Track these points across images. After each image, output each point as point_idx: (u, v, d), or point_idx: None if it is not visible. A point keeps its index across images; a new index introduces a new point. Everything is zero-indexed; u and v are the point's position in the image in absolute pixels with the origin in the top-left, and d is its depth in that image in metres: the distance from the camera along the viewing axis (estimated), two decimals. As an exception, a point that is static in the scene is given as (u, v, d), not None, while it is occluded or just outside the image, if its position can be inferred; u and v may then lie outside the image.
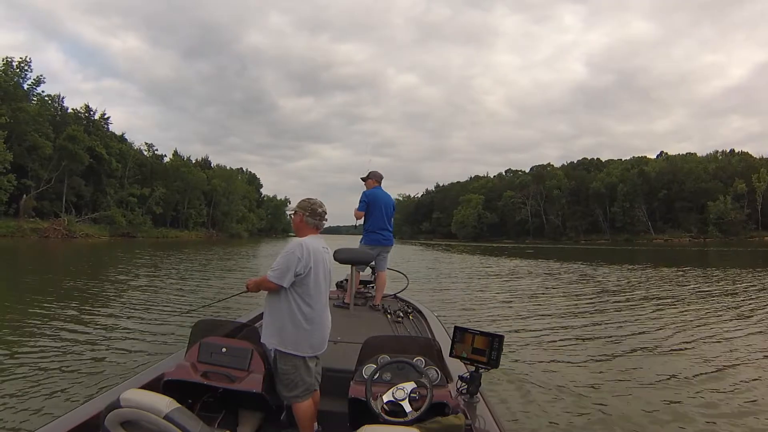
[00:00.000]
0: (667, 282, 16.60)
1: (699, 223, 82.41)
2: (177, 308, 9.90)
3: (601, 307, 11.22)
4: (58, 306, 9.83)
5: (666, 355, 6.97)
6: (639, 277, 18.68)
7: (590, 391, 5.34)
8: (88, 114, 65.56)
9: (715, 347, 7.33)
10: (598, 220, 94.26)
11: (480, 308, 11.03)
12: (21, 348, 6.45)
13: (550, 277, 18.91)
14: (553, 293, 13.92)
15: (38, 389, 4.86)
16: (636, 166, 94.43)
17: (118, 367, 5.69)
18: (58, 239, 48.10)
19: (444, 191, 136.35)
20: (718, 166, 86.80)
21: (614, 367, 6.28)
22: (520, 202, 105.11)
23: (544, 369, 6.11)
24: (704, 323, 9.12)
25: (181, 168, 79.74)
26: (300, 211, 3.11)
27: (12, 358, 5.93)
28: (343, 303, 5.60)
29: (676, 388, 5.46)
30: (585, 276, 19.50)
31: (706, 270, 21.31)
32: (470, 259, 31.41)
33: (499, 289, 14.69)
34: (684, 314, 10.09)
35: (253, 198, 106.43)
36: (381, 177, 6.20)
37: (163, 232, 70.89)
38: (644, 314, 10.14)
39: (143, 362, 5.66)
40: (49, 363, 5.77)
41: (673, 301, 11.98)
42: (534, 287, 15.40)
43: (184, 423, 1.98)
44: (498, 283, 16.48)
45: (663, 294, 13.42)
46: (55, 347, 6.52)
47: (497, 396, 4.82)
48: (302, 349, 2.89)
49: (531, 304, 11.66)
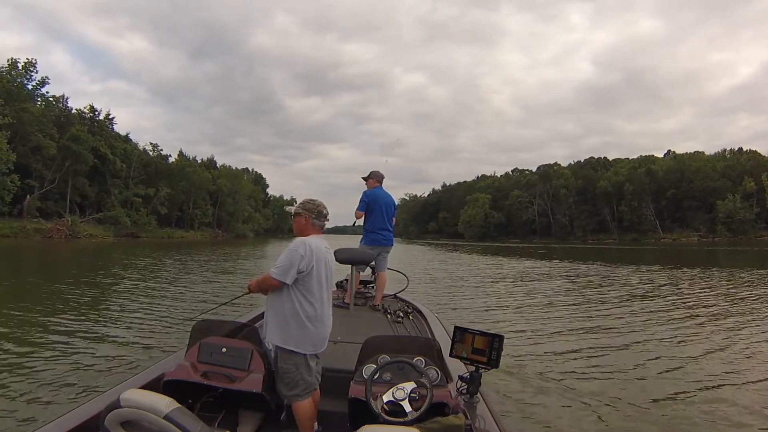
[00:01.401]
0: (675, 282, 16.48)
1: (707, 222, 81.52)
2: (177, 308, 9.97)
3: (604, 307, 11.16)
4: (57, 306, 9.87)
5: (666, 355, 6.92)
6: (646, 277, 18.52)
7: (591, 391, 5.32)
8: (93, 114, 65.31)
9: (716, 347, 7.28)
10: (606, 220, 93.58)
11: (480, 308, 11.03)
12: (21, 348, 6.47)
13: (553, 277, 18.86)
14: (555, 293, 13.88)
15: (38, 389, 4.89)
16: (643, 165, 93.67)
17: (118, 367, 5.71)
18: (62, 240, 48.12)
19: (450, 191, 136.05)
20: (727, 165, 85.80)
21: (615, 368, 6.25)
22: (527, 202, 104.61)
23: (545, 369, 6.10)
24: (714, 324, 9.03)
25: (186, 168, 79.60)
26: (306, 213, 3.13)
27: (12, 359, 5.96)
28: (343, 303, 5.59)
29: (677, 388, 5.43)
30: (590, 276, 19.41)
31: (714, 270, 21.07)
32: (478, 261, 31.21)
33: (503, 290, 14.67)
34: (693, 318, 9.89)
35: (259, 198, 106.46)
36: (382, 177, 6.19)
37: (168, 233, 70.82)
38: (649, 315, 10.04)
39: (143, 362, 5.67)
40: (48, 363, 5.80)
41: (678, 302, 11.83)
42: (536, 287, 15.35)
43: (184, 423, 1.98)
44: (504, 285, 16.41)
45: (669, 294, 13.29)
46: (54, 347, 6.55)
47: (497, 396, 4.81)
48: (304, 347, 2.91)
49: (532, 304, 11.65)
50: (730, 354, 6.93)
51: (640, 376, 5.88)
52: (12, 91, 49.97)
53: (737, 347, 7.29)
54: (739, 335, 8.06)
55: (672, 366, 6.30)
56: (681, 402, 4.98)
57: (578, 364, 6.39)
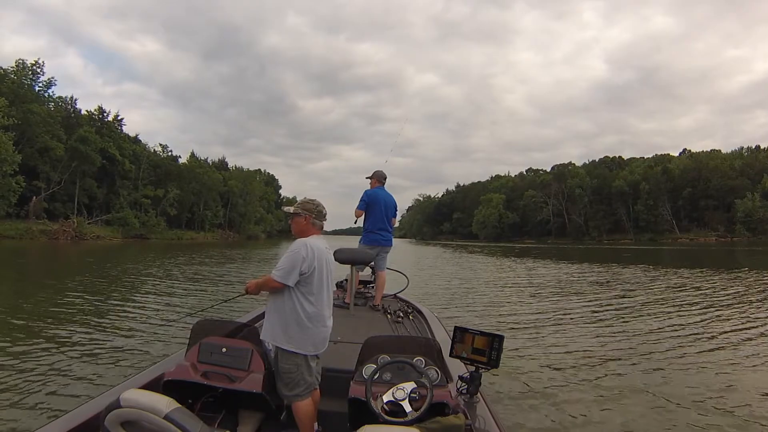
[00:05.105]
0: (688, 285, 16.17)
1: (726, 221, 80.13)
2: (177, 309, 10.03)
3: (609, 308, 11.03)
4: (56, 307, 9.93)
5: (667, 355, 6.85)
6: (658, 279, 18.18)
7: (591, 391, 5.30)
8: (102, 115, 65.18)
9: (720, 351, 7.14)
10: (621, 220, 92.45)
11: (480, 309, 11.00)
12: (20, 349, 6.52)
13: (561, 278, 18.74)
14: (556, 293, 13.81)
15: (38, 389, 4.92)
16: (659, 163, 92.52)
17: (118, 367, 5.76)
18: (68, 241, 47.86)
19: (464, 191, 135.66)
20: (745, 163, 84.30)
21: (616, 368, 6.21)
22: (541, 202, 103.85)
23: (545, 369, 6.07)
24: (723, 326, 8.87)
25: (196, 169, 79.45)
26: (306, 213, 3.12)
27: (12, 359, 6.01)
28: (343, 303, 5.61)
29: (677, 388, 5.39)
30: (600, 276, 19.22)
31: (735, 271, 20.57)
32: (488, 262, 30.96)
33: (505, 290, 14.65)
34: (701, 320, 9.56)
35: (271, 199, 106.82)
36: (384, 177, 6.20)
37: (177, 234, 70.37)
38: (653, 316, 9.91)
39: (143, 362, 5.72)
40: (48, 363, 5.84)
41: (683, 304, 11.54)
42: (540, 287, 15.29)
43: (184, 423, 2.00)
44: (507, 285, 16.31)
45: (679, 297, 12.93)
46: (54, 348, 6.58)
47: (497, 396, 4.82)
48: (304, 347, 2.91)
49: (533, 304, 11.62)
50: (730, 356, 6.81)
51: (641, 377, 5.82)
52: (18, 92, 49.96)
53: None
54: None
55: (678, 368, 6.22)
56: (688, 405, 4.90)
57: (579, 365, 6.34)
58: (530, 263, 28.09)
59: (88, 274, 17.20)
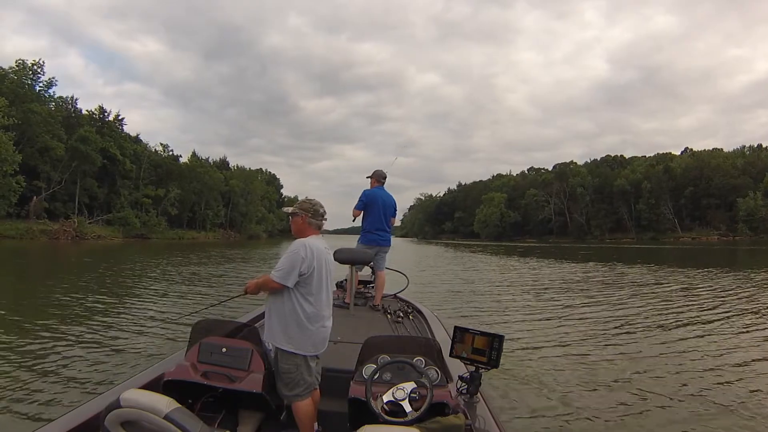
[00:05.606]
0: (691, 283, 16.20)
1: (728, 220, 79.89)
2: (177, 309, 10.01)
3: (611, 308, 10.98)
4: (56, 307, 9.94)
5: (670, 356, 6.81)
6: (659, 277, 18.18)
7: (591, 391, 5.28)
8: (102, 115, 65.11)
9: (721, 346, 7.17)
10: (623, 218, 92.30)
11: (480, 308, 10.98)
12: (20, 348, 6.53)
13: (563, 277, 18.70)
14: (557, 292, 13.79)
15: (38, 389, 4.92)
16: (661, 162, 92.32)
17: (118, 367, 5.75)
18: (68, 241, 47.83)
19: (466, 190, 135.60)
20: (747, 162, 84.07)
21: (616, 368, 6.19)
22: (543, 201, 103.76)
23: (545, 369, 6.06)
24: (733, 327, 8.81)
25: (197, 169, 79.35)
26: (302, 213, 3.11)
27: (12, 359, 6.02)
28: (342, 303, 5.60)
29: (678, 388, 5.37)
30: (600, 276, 19.18)
31: (740, 270, 20.51)
32: (490, 262, 30.90)
33: (506, 290, 14.61)
34: (706, 321, 9.52)
35: (273, 199, 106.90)
36: (383, 176, 6.19)
37: (178, 234, 70.40)
38: (656, 316, 9.88)
39: (143, 362, 5.72)
40: (48, 364, 5.84)
41: (689, 305, 11.48)
42: (541, 287, 15.29)
43: (184, 423, 1.99)
44: (507, 285, 16.29)
45: (681, 298, 12.86)
46: (54, 348, 6.58)
47: (497, 396, 4.81)
48: (304, 347, 2.91)
49: (534, 304, 11.59)
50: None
51: (642, 377, 5.81)
52: (19, 92, 49.93)
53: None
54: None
55: (678, 368, 6.19)
56: (688, 405, 4.89)
57: (579, 365, 6.33)
58: (532, 262, 28.08)
59: (89, 274, 17.21)
